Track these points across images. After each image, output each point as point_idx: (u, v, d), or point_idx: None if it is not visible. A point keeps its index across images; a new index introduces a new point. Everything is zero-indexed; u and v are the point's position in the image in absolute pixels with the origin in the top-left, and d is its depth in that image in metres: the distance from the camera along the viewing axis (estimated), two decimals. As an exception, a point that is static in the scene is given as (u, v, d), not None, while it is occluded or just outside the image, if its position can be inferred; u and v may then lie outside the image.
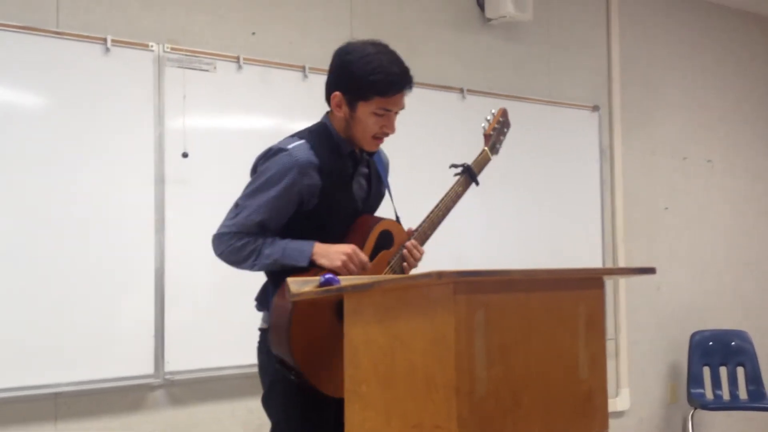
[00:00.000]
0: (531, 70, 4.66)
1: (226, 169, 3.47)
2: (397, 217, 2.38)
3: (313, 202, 2.17)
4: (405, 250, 2.26)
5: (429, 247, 3.87)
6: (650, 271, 1.96)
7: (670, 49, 5.35)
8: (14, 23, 3.07)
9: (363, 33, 4.00)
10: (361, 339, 1.77)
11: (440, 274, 1.51)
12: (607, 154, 4.95)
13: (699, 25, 5.53)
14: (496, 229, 4.33)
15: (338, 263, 2.10)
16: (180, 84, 3.37)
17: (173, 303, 3.31)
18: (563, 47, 4.83)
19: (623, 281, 4.93)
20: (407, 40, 4.14)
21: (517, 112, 4.50)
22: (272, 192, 2.14)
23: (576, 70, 4.88)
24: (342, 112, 2.20)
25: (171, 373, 3.31)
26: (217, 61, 3.50)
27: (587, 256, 4.70)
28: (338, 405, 2.01)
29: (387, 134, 2.23)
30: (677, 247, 5.27)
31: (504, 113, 2.56)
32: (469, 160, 2.46)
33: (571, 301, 1.77)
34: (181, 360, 3.33)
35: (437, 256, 2.43)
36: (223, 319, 3.40)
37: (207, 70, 3.47)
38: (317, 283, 1.99)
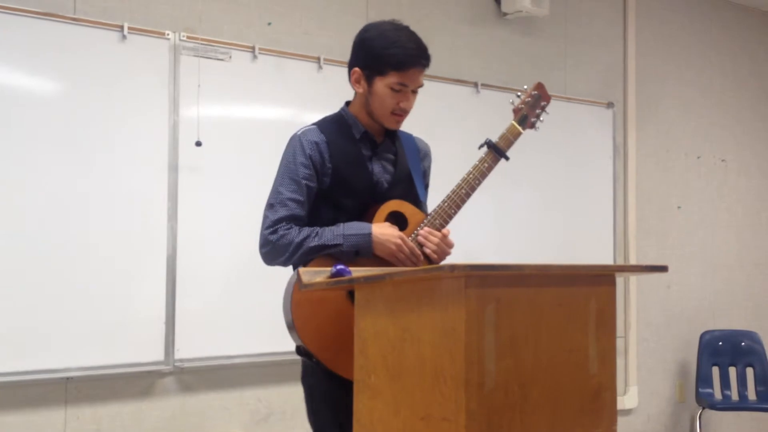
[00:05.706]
0: (546, 65, 4.64)
1: (239, 159, 3.48)
2: (423, 205, 2.33)
3: (326, 181, 2.19)
4: (420, 237, 2.20)
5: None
6: (662, 269, 1.96)
7: (686, 46, 5.32)
8: (32, 8, 3.08)
9: (378, 25, 4.00)
10: (371, 330, 1.78)
11: (453, 267, 1.51)
12: (620, 151, 4.93)
13: (716, 23, 5.49)
14: (508, 225, 4.32)
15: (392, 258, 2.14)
16: (195, 73, 3.38)
17: (184, 290, 3.33)
18: (579, 43, 4.81)
19: (634, 279, 4.91)
20: (422, 32, 4.06)
21: (531, 107, 4.53)
22: (291, 167, 2.18)
23: (591, 66, 4.86)
24: (361, 88, 2.23)
25: (181, 360, 3.33)
26: (233, 51, 3.51)
27: (598, 254, 4.69)
28: None
29: (405, 111, 2.23)
30: (689, 246, 5.25)
31: (539, 86, 2.44)
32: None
33: (582, 296, 1.77)
34: (191, 347, 3.34)
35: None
36: (234, 308, 3.42)
37: (222, 60, 3.48)
38: (329, 274, 1.99)
